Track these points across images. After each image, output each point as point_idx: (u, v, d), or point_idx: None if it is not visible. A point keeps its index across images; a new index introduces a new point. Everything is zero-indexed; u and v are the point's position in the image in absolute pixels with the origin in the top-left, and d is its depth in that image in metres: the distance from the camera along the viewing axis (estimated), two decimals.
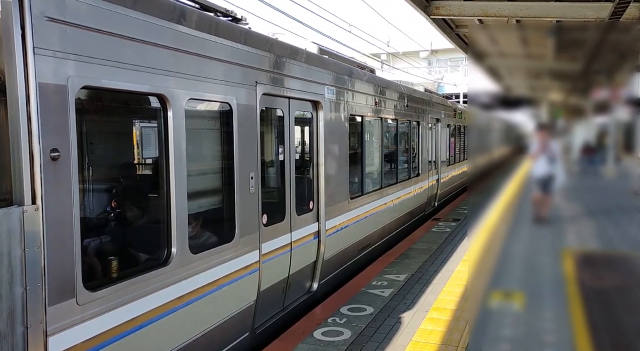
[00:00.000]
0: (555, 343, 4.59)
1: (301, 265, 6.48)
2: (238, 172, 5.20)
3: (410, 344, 4.61)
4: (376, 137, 9.60)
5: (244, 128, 5.35)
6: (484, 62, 11.03)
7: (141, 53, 4.16)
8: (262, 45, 5.89)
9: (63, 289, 3.49)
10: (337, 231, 7.26)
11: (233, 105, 5.16)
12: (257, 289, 5.46)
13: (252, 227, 5.46)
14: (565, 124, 6.38)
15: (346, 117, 7.81)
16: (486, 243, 8.62)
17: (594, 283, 6.23)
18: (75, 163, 3.57)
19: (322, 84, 7.05)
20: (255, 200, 5.50)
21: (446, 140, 15.57)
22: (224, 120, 5.33)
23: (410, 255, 8.12)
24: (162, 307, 4.24)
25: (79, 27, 3.64)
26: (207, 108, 5.34)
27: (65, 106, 3.51)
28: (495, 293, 6.04)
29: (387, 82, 10.55)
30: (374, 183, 9.20)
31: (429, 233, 9.96)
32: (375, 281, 6.68)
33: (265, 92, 5.74)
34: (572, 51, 14.70)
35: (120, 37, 3.97)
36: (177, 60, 4.50)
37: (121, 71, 3.98)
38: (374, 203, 8.85)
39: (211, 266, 4.82)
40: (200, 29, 4.82)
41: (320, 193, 6.88)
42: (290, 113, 6.42)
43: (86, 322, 3.64)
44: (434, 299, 5.81)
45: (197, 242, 4.92)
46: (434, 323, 5.08)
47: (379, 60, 32.04)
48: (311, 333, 5.01)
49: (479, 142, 12.32)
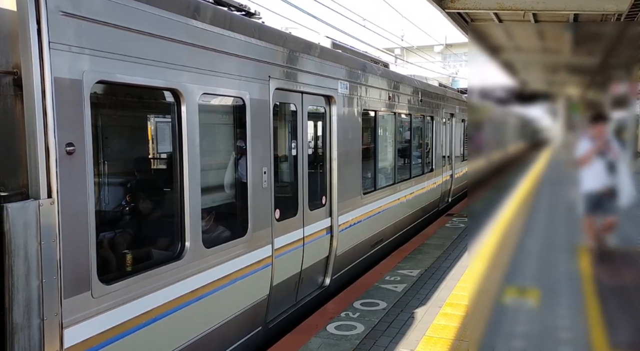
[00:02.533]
0: (570, 340, 4.55)
1: (313, 259, 6.47)
2: (251, 166, 5.20)
3: (423, 339, 4.60)
4: (389, 132, 9.55)
5: (257, 123, 5.34)
6: (499, 56, 10.86)
7: (155, 47, 4.15)
8: (275, 40, 5.86)
9: (78, 282, 3.52)
10: (349, 226, 7.24)
11: (246, 100, 5.15)
12: (270, 283, 5.47)
13: (265, 221, 5.45)
14: None
15: (359, 111, 7.77)
16: (500, 239, 8.55)
17: (610, 280, 6.16)
18: (90, 157, 3.58)
19: (335, 78, 7.02)
20: (267, 194, 5.50)
21: (460, 135, 15.50)
22: (236, 114, 5.32)
23: (424, 250, 8.09)
24: (175, 301, 4.26)
25: (94, 21, 3.64)
26: (220, 103, 5.33)
27: (80, 100, 3.52)
28: (509, 289, 6.00)
29: (401, 76, 10.42)
30: (386, 178, 9.15)
31: (442, 229, 9.91)
32: (388, 276, 6.67)
33: (278, 87, 5.71)
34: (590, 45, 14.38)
35: (135, 31, 3.97)
36: (191, 54, 4.49)
37: (135, 65, 3.97)
38: (387, 198, 8.79)
39: (224, 260, 4.82)
40: (214, 24, 4.81)
41: (333, 188, 6.87)
42: (303, 107, 6.40)
43: (101, 315, 3.67)
44: (447, 294, 5.78)
45: (210, 236, 4.93)
46: (447, 318, 5.06)
47: (392, 55, 31.86)
48: (324, 326, 5.02)
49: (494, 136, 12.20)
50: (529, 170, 16.97)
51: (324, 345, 4.59)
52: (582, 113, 16.67)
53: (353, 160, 7.50)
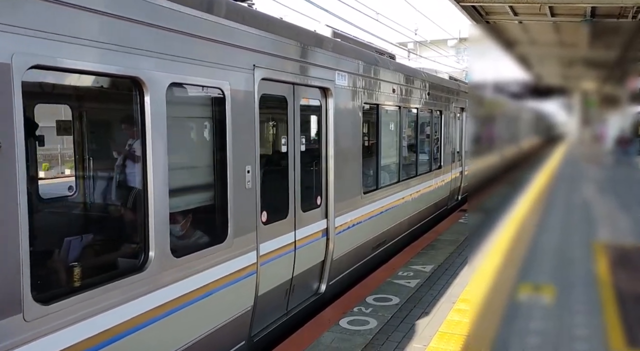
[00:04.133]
0: (585, 337, 4.51)
1: (307, 265, 5.96)
2: (231, 165, 4.66)
3: (436, 334, 4.59)
4: (393, 127, 8.99)
5: (239, 117, 4.80)
6: (514, 50, 10.77)
7: (110, 28, 3.55)
8: (261, 25, 5.24)
9: (4, 302, 2.91)
10: (347, 228, 6.74)
11: (225, 91, 4.60)
12: (254, 293, 4.98)
13: (248, 225, 4.93)
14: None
15: (360, 105, 7.22)
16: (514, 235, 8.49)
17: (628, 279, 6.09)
18: (21, 156, 3.00)
19: (332, 69, 6.45)
20: (251, 196, 4.96)
21: None
22: (215, 107, 4.73)
23: (437, 246, 8.07)
24: (137, 318, 3.76)
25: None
26: (195, 94, 4.69)
27: (9, 89, 2.91)
28: (523, 286, 5.96)
29: (407, 68, 9.89)
30: (390, 176, 8.64)
31: (455, 224, 9.87)
32: (401, 271, 6.67)
33: (265, 77, 5.17)
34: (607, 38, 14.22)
35: (82, 8, 3.34)
36: (157, 38, 3.92)
37: (83, 49, 3.36)
38: (390, 197, 8.23)
39: (198, 270, 4.27)
40: (185, 4, 4.18)
41: (329, 188, 6.36)
42: (295, 100, 5.83)
43: (37, 341, 3.05)
44: (461, 290, 5.76)
45: (182, 243, 4.42)
46: (460, 314, 5.04)
47: (405, 49, 31.68)
48: (337, 321, 5.04)
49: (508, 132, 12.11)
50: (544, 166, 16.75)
51: (337, 340, 4.61)
52: (598, 108, 16.39)
53: (353, 157, 7.02)
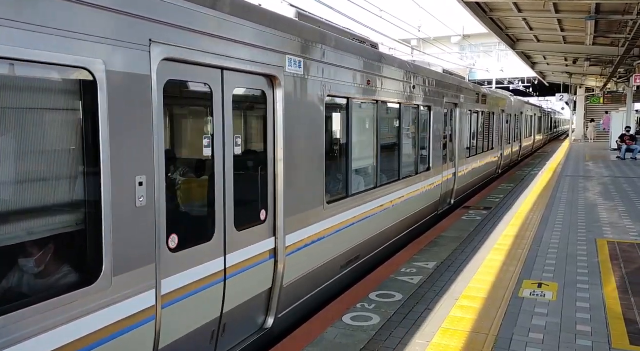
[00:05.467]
0: (588, 333, 4.51)
1: (244, 297, 4.75)
2: (108, 175, 3.38)
3: (439, 331, 4.59)
4: (368, 125, 7.75)
5: (124, 110, 3.52)
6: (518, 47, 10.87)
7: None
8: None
9: None
10: (304, 246, 5.58)
11: (97, 73, 3.32)
12: (152, 347, 3.73)
13: (142, 256, 3.64)
14: None
15: (321, 97, 5.91)
16: (518, 232, 8.47)
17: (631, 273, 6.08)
18: None
19: (281, 53, 5.13)
20: (147, 216, 3.66)
21: (467, 128, 13.56)
22: (81, 96, 3.39)
23: (440, 242, 8.05)
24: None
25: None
26: (42, 77, 3.25)
27: None
28: (526, 282, 5.96)
29: (388, 57, 8.38)
30: (366, 180, 7.45)
31: (458, 221, 9.84)
32: (404, 268, 6.66)
33: (171, 57, 3.83)
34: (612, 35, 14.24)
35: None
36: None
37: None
38: (364, 206, 7.02)
39: (45, 328, 3.00)
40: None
41: (278, 199, 5.11)
42: (224, 89, 4.48)
43: None
44: (464, 287, 5.75)
45: (13, 290, 3.12)
46: (463, 310, 5.04)
47: (409, 46, 31.59)
48: (340, 317, 5.05)
49: None
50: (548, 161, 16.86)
51: (340, 335, 4.62)
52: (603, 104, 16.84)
53: (312, 161, 5.75)
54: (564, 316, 4.90)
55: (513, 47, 23.25)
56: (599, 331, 4.53)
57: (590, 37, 19.09)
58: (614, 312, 4.97)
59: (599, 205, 11.03)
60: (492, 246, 7.64)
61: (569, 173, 17.49)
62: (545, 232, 8.43)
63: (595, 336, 4.44)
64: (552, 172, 17.92)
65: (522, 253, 7.20)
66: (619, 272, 6.23)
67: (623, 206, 10.93)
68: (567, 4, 15.04)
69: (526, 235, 8.26)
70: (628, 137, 23.73)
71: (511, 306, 5.16)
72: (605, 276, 6.10)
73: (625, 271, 6.26)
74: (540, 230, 8.59)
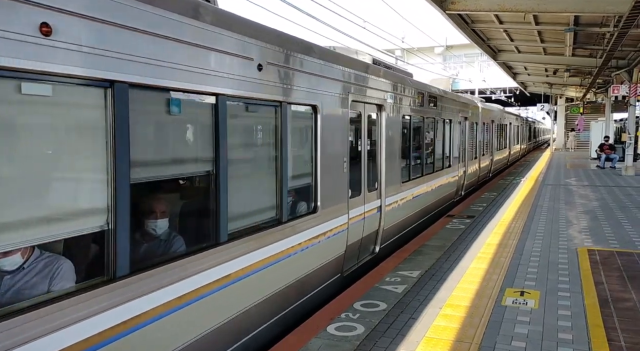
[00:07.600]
0: (570, 340, 4.55)
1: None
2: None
3: (423, 340, 4.60)
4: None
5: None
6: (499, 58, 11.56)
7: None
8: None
9: None
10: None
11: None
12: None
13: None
14: None
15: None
16: (501, 240, 8.54)
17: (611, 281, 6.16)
18: None
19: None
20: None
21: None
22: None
23: (424, 251, 8.09)
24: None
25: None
26: None
27: None
28: (509, 290, 6.00)
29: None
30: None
31: (442, 230, 9.90)
32: (388, 277, 6.67)
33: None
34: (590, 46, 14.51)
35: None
36: None
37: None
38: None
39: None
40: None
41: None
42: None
43: None
44: (448, 295, 5.77)
45: None
46: (447, 319, 5.05)
47: (393, 56, 31.87)
48: (324, 327, 5.02)
49: None
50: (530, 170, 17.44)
51: (324, 346, 4.59)
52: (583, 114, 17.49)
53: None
54: (546, 324, 4.94)
55: (495, 58, 23.56)
56: (580, 339, 4.58)
57: (570, 49, 19.43)
58: (595, 320, 5.03)
59: (579, 214, 11.18)
60: (475, 254, 7.69)
61: (550, 182, 17.71)
62: (527, 240, 8.52)
63: (577, 344, 4.48)
64: (534, 181, 18.14)
65: (504, 261, 7.26)
66: (599, 280, 6.31)
67: (603, 214, 11.09)
68: (546, 16, 15.33)
69: (509, 243, 8.33)
70: (607, 146, 24.16)
71: (494, 314, 5.19)
72: (586, 284, 6.17)
73: (606, 279, 6.34)
74: (523, 238, 8.68)
